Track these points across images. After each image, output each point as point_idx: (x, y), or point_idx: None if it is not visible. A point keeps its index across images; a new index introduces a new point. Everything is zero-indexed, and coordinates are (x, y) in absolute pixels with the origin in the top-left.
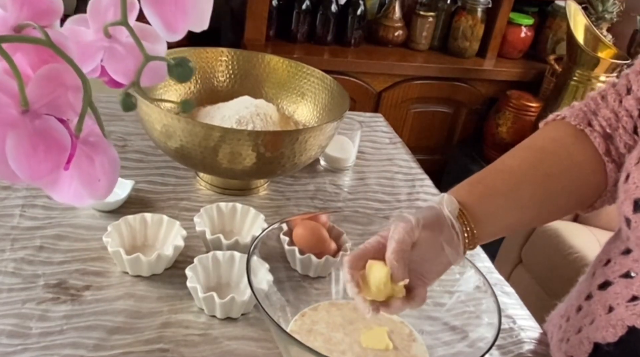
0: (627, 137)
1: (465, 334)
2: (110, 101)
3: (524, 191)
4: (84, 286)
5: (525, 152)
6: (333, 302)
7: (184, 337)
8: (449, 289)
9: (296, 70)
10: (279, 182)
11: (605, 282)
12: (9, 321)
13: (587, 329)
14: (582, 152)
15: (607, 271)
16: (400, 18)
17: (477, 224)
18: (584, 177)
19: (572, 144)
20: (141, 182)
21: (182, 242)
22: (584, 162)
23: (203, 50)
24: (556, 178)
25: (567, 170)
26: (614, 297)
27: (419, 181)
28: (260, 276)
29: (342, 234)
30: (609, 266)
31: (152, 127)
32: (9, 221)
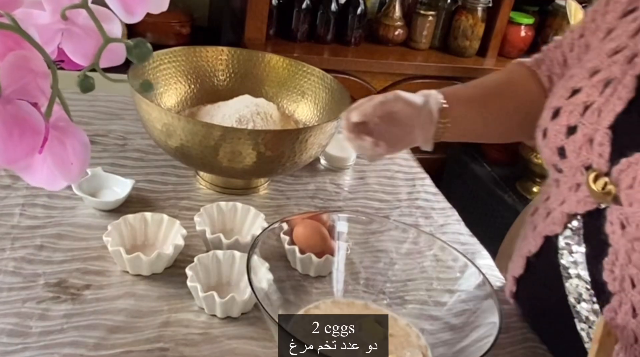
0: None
1: (466, 333)
2: (109, 100)
3: (490, 104)
4: (84, 285)
5: (497, 77)
6: (334, 301)
7: (184, 337)
8: (449, 288)
9: (296, 69)
10: (279, 181)
11: (535, 209)
12: (9, 320)
13: (521, 249)
14: (535, 85)
15: (537, 200)
16: (401, 17)
17: (454, 120)
18: (535, 105)
19: (528, 78)
20: (141, 181)
21: (182, 241)
22: (536, 92)
23: (203, 49)
24: (516, 101)
25: (524, 96)
26: (538, 218)
27: (419, 180)
28: (260, 275)
29: (342, 233)
30: (539, 196)
31: (152, 126)
32: (9, 220)
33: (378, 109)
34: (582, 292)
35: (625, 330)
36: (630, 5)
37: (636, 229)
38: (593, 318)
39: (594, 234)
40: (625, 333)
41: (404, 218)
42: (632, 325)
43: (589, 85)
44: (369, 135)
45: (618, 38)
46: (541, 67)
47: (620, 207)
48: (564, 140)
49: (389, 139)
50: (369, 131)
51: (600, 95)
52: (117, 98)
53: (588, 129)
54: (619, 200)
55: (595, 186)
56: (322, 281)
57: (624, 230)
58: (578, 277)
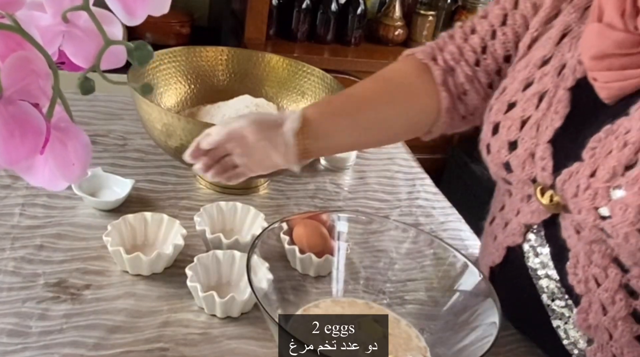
0: (468, 69)
1: (466, 333)
2: (109, 100)
3: (363, 114)
4: (84, 285)
5: (372, 82)
6: (334, 300)
7: (184, 337)
8: (449, 287)
9: (296, 69)
10: (279, 181)
11: (493, 218)
12: (9, 320)
13: (484, 258)
14: (422, 82)
15: (493, 208)
16: (401, 17)
17: (317, 139)
18: (420, 104)
19: (415, 76)
20: (141, 181)
21: (182, 241)
22: (422, 91)
23: (203, 49)
24: (395, 105)
25: (406, 98)
26: (496, 228)
27: (419, 180)
28: (260, 275)
29: (342, 233)
30: (494, 204)
31: (152, 126)
32: (9, 220)
33: (227, 137)
34: (554, 290)
35: (599, 329)
36: (553, 10)
37: (590, 233)
38: (568, 314)
39: (554, 238)
40: (599, 332)
41: (404, 218)
42: (604, 323)
43: (524, 99)
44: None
45: (543, 46)
46: (438, 60)
47: (570, 215)
48: (508, 156)
49: (246, 164)
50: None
51: (537, 110)
52: (117, 98)
53: (528, 144)
54: (568, 209)
55: (543, 199)
56: (322, 281)
57: (580, 235)
58: (547, 277)
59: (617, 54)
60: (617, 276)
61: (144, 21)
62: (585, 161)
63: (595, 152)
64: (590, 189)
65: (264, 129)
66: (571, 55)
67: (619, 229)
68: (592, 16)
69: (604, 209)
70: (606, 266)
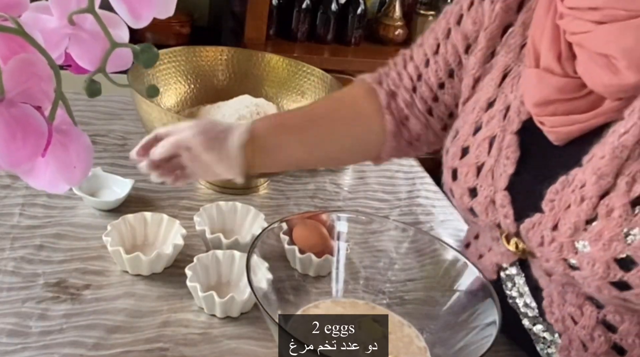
0: (407, 95)
1: (466, 333)
2: (110, 100)
3: (312, 130)
4: (84, 285)
5: (325, 101)
6: (334, 300)
7: (184, 337)
8: (448, 287)
9: (296, 69)
10: (279, 181)
11: (468, 242)
12: (9, 319)
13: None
14: (370, 104)
15: (469, 234)
16: (401, 17)
17: (264, 153)
18: (368, 126)
19: (363, 98)
20: (141, 181)
21: (182, 241)
22: (370, 113)
23: (203, 49)
24: (344, 123)
25: (355, 118)
26: (471, 256)
27: (419, 179)
28: (260, 275)
29: (342, 233)
30: (470, 229)
31: (152, 126)
32: (9, 220)
33: (174, 149)
34: (535, 315)
35: None
36: (489, 49)
37: (562, 276)
38: (550, 338)
39: (528, 273)
40: None
41: (403, 217)
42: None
43: (475, 144)
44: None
45: (486, 88)
46: (383, 84)
47: (539, 260)
48: (470, 202)
49: (191, 172)
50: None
51: (489, 156)
52: (117, 98)
53: (487, 191)
54: (535, 255)
55: (509, 246)
56: (321, 281)
57: (551, 277)
58: (526, 305)
59: (560, 99)
60: (592, 312)
61: None
62: (546, 213)
63: (554, 205)
64: (555, 242)
65: (210, 139)
66: (514, 97)
67: (590, 281)
68: (529, 60)
69: (573, 259)
70: (581, 304)
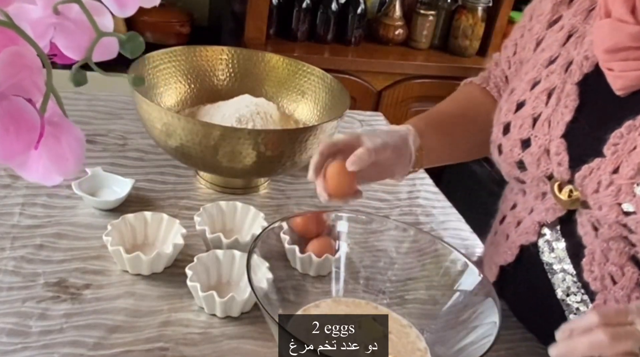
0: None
1: (466, 332)
2: (109, 100)
3: (458, 130)
4: (84, 285)
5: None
6: (334, 300)
7: (184, 336)
8: (449, 287)
9: (296, 69)
10: (279, 180)
11: (503, 217)
12: (9, 319)
13: (494, 257)
14: (489, 101)
15: (503, 208)
16: (401, 16)
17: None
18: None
19: (482, 97)
20: (141, 180)
21: (182, 241)
22: (491, 108)
23: (203, 48)
24: (475, 123)
25: (485, 115)
26: (508, 227)
27: (419, 180)
28: (260, 274)
29: (342, 233)
30: (504, 203)
31: (152, 126)
32: (9, 220)
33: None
34: (569, 285)
35: None
36: (554, 15)
37: (609, 230)
38: (583, 309)
39: (570, 234)
40: None
41: (404, 217)
42: None
43: (532, 97)
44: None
45: (549, 48)
46: (490, 84)
47: (589, 211)
48: (521, 154)
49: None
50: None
51: (546, 106)
52: (117, 98)
53: (542, 140)
54: (587, 205)
55: (562, 195)
56: (322, 281)
57: (597, 232)
58: (563, 271)
59: (632, 46)
60: (634, 274)
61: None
62: (607, 157)
63: (618, 148)
64: (613, 185)
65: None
66: (577, 53)
67: None
68: (600, 14)
69: (628, 205)
70: (623, 264)
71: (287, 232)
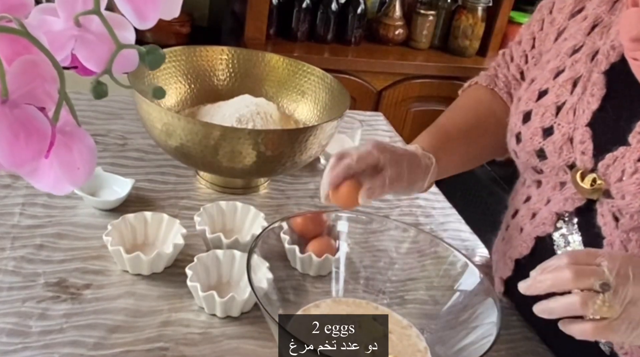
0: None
1: (466, 332)
2: (110, 100)
3: (469, 145)
4: (84, 285)
5: (462, 113)
6: (335, 300)
7: (184, 336)
8: (449, 287)
9: (296, 69)
10: (279, 180)
11: (516, 211)
12: (9, 319)
13: (508, 251)
14: (497, 104)
15: (515, 202)
16: (401, 16)
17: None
18: (501, 123)
19: (490, 101)
20: (141, 180)
21: (182, 241)
22: (500, 112)
23: (203, 48)
24: (489, 127)
25: (494, 120)
26: (522, 220)
27: None
28: (260, 274)
29: (342, 233)
30: (516, 198)
31: (152, 126)
32: (9, 220)
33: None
34: None
35: None
36: (577, 5)
37: (630, 220)
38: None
39: (587, 226)
40: None
41: (404, 217)
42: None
43: (556, 85)
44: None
45: (573, 37)
46: (498, 84)
47: (611, 200)
48: (542, 142)
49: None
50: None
51: (571, 95)
52: (117, 98)
53: (565, 128)
54: (610, 194)
55: (584, 183)
56: (322, 281)
57: (618, 222)
58: None
59: None
60: None
61: None
62: (633, 145)
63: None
64: (637, 173)
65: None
66: (603, 42)
67: None
68: (627, 4)
69: None
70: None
71: (287, 232)
